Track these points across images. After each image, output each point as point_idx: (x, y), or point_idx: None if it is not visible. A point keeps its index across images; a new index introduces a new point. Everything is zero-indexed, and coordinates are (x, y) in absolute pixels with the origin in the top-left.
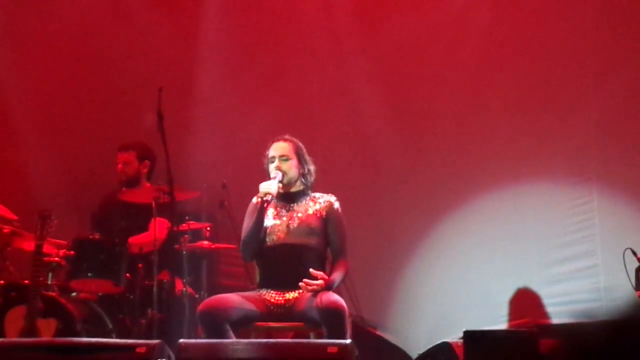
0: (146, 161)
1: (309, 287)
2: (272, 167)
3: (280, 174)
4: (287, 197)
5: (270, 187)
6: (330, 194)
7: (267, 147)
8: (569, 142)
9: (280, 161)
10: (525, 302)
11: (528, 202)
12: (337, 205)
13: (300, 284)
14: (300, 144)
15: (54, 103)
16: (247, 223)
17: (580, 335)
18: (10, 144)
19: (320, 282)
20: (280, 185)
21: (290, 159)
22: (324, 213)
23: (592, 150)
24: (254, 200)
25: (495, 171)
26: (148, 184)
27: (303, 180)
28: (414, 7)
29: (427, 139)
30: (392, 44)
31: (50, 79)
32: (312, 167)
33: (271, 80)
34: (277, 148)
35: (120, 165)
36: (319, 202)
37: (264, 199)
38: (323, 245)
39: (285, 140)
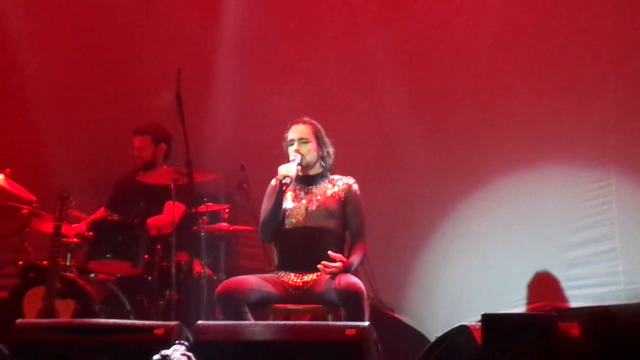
0: (162, 144)
1: (327, 270)
2: (291, 150)
3: (299, 156)
4: (306, 180)
5: (289, 169)
6: (348, 177)
7: (286, 130)
8: (588, 125)
9: (300, 144)
10: (543, 285)
11: (546, 185)
12: (355, 187)
13: (318, 266)
14: (319, 127)
15: (73, 84)
16: (265, 205)
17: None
18: (29, 126)
19: (338, 264)
20: (299, 167)
21: (310, 141)
22: (343, 195)
23: (610, 133)
24: (273, 182)
25: (513, 154)
26: (165, 167)
27: (322, 162)
28: None
29: (446, 121)
30: (412, 27)
31: (69, 60)
32: (331, 150)
33: (290, 63)
34: (296, 131)
35: (135, 150)
36: (338, 184)
37: (283, 181)
38: (341, 228)
39: (305, 122)
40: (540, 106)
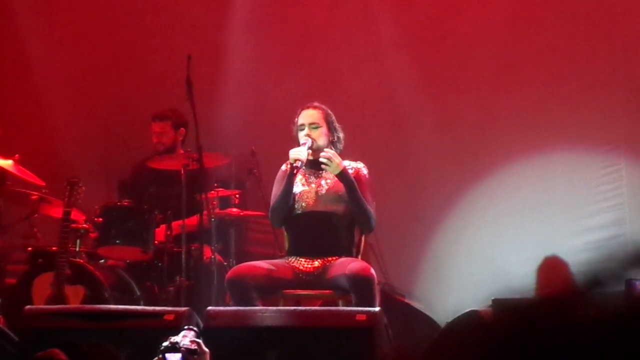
0: (181, 129)
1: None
2: (301, 135)
3: (309, 140)
4: (316, 164)
5: (300, 153)
6: (358, 161)
7: (296, 114)
8: (597, 111)
9: (310, 129)
10: (553, 270)
11: (556, 171)
12: (364, 171)
13: (321, 154)
14: (330, 111)
15: (83, 71)
16: (276, 190)
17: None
18: (38, 111)
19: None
20: (310, 152)
21: (320, 126)
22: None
23: (620, 119)
24: (283, 167)
25: (523, 140)
26: (182, 151)
27: (332, 147)
28: None
29: (456, 108)
30: (423, 14)
31: (79, 46)
32: (341, 135)
33: (300, 47)
34: (307, 116)
35: (155, 136)
36: (348, 169)
37: (294, 165)
38: (351, 212)
39: (315, 107)
40: (549, 92)
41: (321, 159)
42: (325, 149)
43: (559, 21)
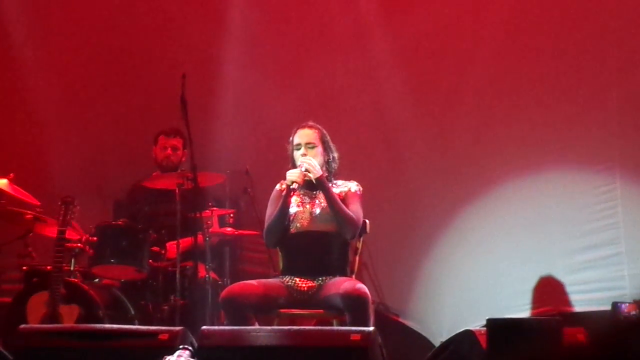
0: (185, 150)
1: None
2: (297, 155)
3: (305, 164)
4: (311, 185)
5: (296, 176)
6: (352, 181)
7: (291, 134)
8: (592, 129)
9: (307, 148)
10: (548, 289)
11: (551, 189)
12: (355, 188)
13: (300, 158)
14: (325, 131)
15: (77, 89)
16: (270, 210)
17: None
18: (33, 130)
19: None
20: (306, 174)
21: (316, 146)
22: (343, 195)
23: (615, 138)
24: (278, 187)
25: (518, 158)
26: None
27: (327, 167)
28: None
29: (450, 125)
30: (416, 31)
31: (73, 64)
32: (336, 155)
33: (295, 66)
34: (303, 135)
35: (170, 150)
36: (341, 188)
37: (290, 187)
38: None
39: (311, 127)
40: (544, 111)
41: (302, 167)
42: (307, 159)
43: (552, 40)
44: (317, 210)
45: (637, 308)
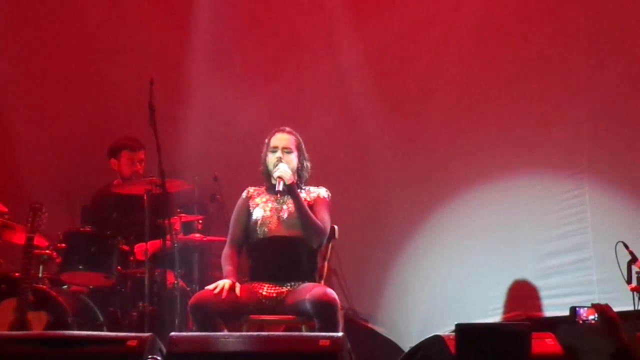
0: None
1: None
2: (272, 157)
3: (278, 172)
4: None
5: (288, 173)
6: (321, 187)
7: (268, 136)
8: (562, 135)
9: (283, 152)
10: (518, 294)
11: (521, 194)
12: (324, 194)
13: (275, 172)
14: (301, 140)
15: (45, 95)
16: (234, 219)
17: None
18: (1, 136)
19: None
20: (281, 179)
21: (292, 151)
22: (312, 202)
23: (584, 143)
24: (244, 195)
25: (488, 163)
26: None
27: (298, 174)
28: (407, 0)
29: (419, 131)
30: (387, 33)
31: (40, 72)
32: (309, 164)
33: (264, 73)
34: (281, 139)
35: (137, 165)
36: (311, 194)
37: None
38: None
39: (290, 132)
40: (514, 115)
41: (275, 173)
42: (282, 166)
43: (521, 45)
44: (285, 215)
45: (595, 312)
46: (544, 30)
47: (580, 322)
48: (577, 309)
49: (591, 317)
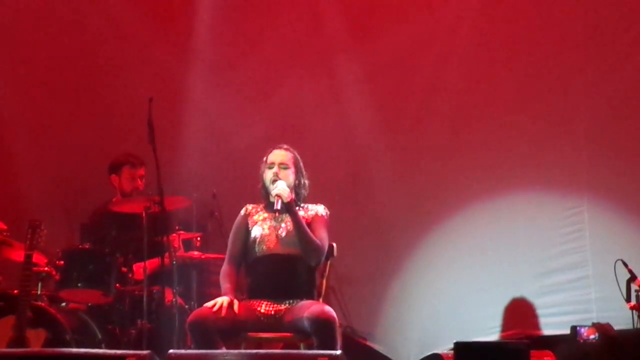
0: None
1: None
2: (269, 173)
3: (276, 190)
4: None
5: (286, 191)
6: (319, 204)
7: (266, 153)
8: (560, 154)
9: (280, 169)
10: (516, 313)
11: (519, 212)
12: (322, 212)
13: (273, 191)
14: (299, 157)
15: (45, 113)
16: (233, 237)
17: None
18: (0, 153)
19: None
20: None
21: (289, 168)
22: (310, 219)
23: (582, 161)
24: (243, 212)
25: (486, 181)
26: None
27: (296, 191)
28: (406, 18)
29: (419, 148)
30: (385, 53)
31: (40, 89)
32: (306, 182)
33: (262, 91)
34: (278, 155)
35: (138, 181)
36: (309, 212)
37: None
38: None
39: (287, 149)
40: (512, 134)
41: (274, 191)
42: (280, 184)
43: (520, 64)
44: (284, 233)
45: (596, 332)
46: (542, 49)
47: (581, 341)
48: (578, 328)
49: (592, 336)
